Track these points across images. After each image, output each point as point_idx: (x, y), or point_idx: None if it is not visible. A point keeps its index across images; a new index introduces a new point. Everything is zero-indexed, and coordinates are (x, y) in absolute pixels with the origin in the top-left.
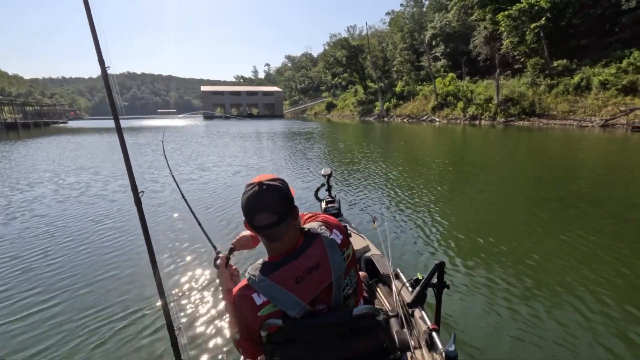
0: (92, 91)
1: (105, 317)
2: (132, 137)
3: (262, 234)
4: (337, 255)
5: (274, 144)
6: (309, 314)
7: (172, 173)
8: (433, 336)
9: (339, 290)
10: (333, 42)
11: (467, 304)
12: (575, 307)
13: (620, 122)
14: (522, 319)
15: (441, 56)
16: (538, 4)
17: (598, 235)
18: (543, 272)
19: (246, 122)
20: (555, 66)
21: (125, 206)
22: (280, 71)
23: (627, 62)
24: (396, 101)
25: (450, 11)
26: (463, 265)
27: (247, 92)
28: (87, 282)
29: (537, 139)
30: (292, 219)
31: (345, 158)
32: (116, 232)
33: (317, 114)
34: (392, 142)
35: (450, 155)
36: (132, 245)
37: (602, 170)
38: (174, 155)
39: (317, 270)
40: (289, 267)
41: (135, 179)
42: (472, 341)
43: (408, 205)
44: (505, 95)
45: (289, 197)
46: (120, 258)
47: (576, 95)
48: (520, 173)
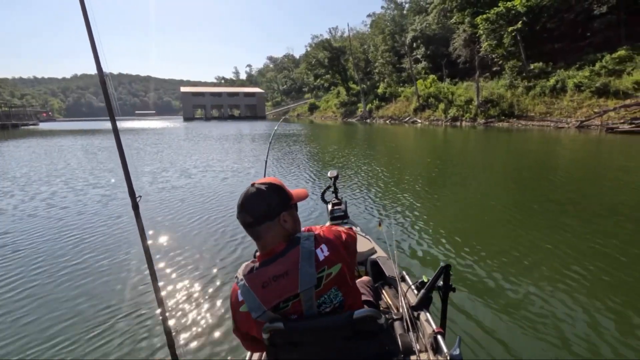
0: (65, 92)
1: (101, 320)
2: (110, 139)
3: (247, 232)
4: (310, 268)
5: (261, 146)
6: (286, 319)
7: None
8: (438, 339)
9: (309, 303)
10: (315, 43)
11: (473, 307)
12: (585, 308)
13: (595, 124)
14: (529, 323)
15: (422, 58)
16: (515, 8)
17: (608, 238)
18: (551, 274)
19: (228, 124)
20: (532, 69)
21: (114, 216)
22: (262, 72)
23: (600, 65)
24: (378, 103)
25: (430, 14)
26: (470, 268)
27: (229, 93)
28: (82, 286)
29: (526, 140)
30: (274, 223)
31: (340, 160)
32: (110, 238)
33: (300, 116)
34: (381, 144)
35: (444, 156)
36: (127, 252)
37: (605, 173)
38: (163, 159)
39: (282, 279)
40: (261, 271)
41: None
42: (478, 345)
43: (414, 207)
44: (485, 97)
45: (272, 201)
46: (116, 264)
47: (552, 97)
48: (519, 175)
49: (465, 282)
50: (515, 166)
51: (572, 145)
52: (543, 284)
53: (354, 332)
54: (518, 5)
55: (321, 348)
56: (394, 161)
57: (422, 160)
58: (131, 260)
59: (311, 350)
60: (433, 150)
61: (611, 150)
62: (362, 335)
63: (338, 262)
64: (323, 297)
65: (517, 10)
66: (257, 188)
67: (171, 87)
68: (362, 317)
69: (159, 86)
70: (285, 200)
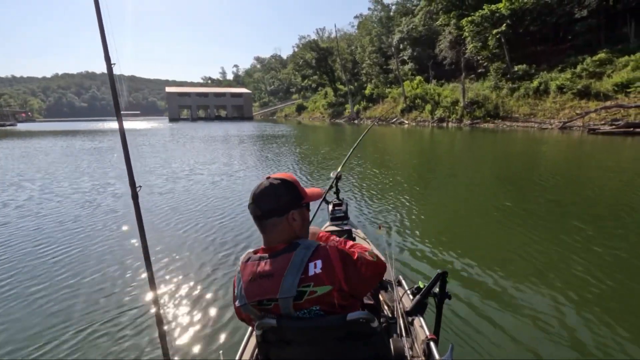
0: (46, 91)
1: (94, 312)
2: (92, 141)
3: (255, 223)
4: (293, 279)
5: (251, 148)
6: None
7: None
8: (431, 346)
9: (287, 310)
10: (302, 44)
11: (468, 315)
12: (581, 316)
13: (577, 125)
14: (523, 333)
15: (408, 60)
16: (499, 10)
17: (606, 244)
18: (548, 284)
19: (214, 125)
20: (515, 70)
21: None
22: (249, 72)
23: (581, 68)
24: (366, 104)
25: (416, 16)
26: (466, 275)
27: (215, 94)
28: (76, 280)
29: (513, 141)
30: (281, 220)
31: (332, 162)
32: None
33: (288, 116)
34: (371, 145)
35: (436, 158)
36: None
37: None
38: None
39: (267, 279)
40: (254, 264)
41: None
42: (471, 353)
43: (413, 211)
44: (471, 98)
45: (283, 197)
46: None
47: (536, 99)
48: (510, 177)
49: (462, 290)
50: (506, 168)
51: (557, 146)
52: (540, 295)
53: (347, 334)
54: (502, 8)
55: (313, 348)
56: (387, 162)
57: (416, 162)
58: (124, 263)
59: (303, 350)
60: (424, 152)
61: (594, 151)
62: (354, 337)
63: (328, 284)
64: (303, 310)
65: (501, 13)
66: (270, 182)
67: (157, 87)
68: (355, 319)
69: (143, 86)
70: (297, 199)
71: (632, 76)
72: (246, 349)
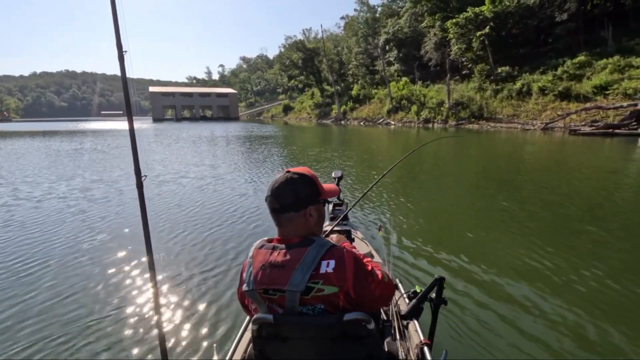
0: (23, 90)
1: (93, 309)
2: (71, 141)
3: (271, 215)
4: (304, 275)
5: (239, 149)
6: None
7: None
8: (424, 350)
9: (292, 304)
10: (289, 44)
11: (464, 322)
12: (579, 324)
13: (559, 126)
14: (520, 340)
15: (394, 61)
16: (482, 13)
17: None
18: (551, 294)
19: (200, 125)
20: (499, 72)
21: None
22: (235, 72)
23: (562, 70)
24: (352, 104)
25: (402, 17)
26: (465, 282)
27: (200, 94)
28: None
29: (501, 142)
30: (298, 215)
31: (325, 163)
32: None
33: (274, 117)
34: (362, 145)
35: (430, 160)
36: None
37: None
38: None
39: (277, 270)
40: (267, 252)
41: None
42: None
43: (413, 214)
44: (456, 99)
45: (301, 192)
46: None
47: (519, 100)
48: (503, 179)
49: (458, 295)
50: (497, 169)
51: (544, 147)
52: (537, 303)
53: (342, 334)
54: (485, 11)
55: (308, 346)
56: (379, 163)
57: (409, 163)
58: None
59: (298, 347)
60: (414, 153)
61: (580, 152)
62: (349, 338)
63: (336, 285)
64: (307, 306)
65: (485, 16)
66: (289, 176)
67: (140, 86)
68: (352, 320)
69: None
70: (315, 194)
71: (610, 79)
72: (240, 344)
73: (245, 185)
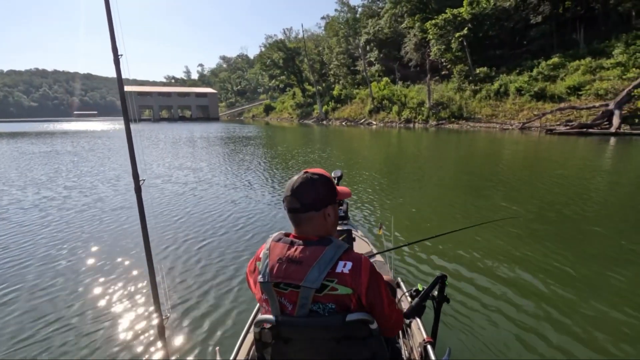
0: None
1: (93, 300)
2: (41, 144)
3: (288, 216)
4: (320, 273)
5: (223, 150)
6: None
7: None
8: (427, 349)
9: (305, 301)
10: (269, 43)
11: (467, 319)
12: (580, 322)
13: (535, 125)
14: (523, 337)
15: (375, 61)
16: (460, 15)
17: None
18: (553, 292)
19: (178, 126)
20: (477, 73)
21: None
22: (215, 72)
23: (537, 71)
24: (334, 104)
25: (382, 18)
26: (468, 279)
27: (179, 94)
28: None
29: (485, 142)
30: (318, 215)
31: (317, 165)
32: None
33: (255, 117)
34: (348, 146)
35: (419, 160)
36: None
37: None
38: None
39: (294, 265)
40: (285, 246)
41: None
42: (469, 358)
43: (414, 214)
44: (436, 100)
45: (322, 193)
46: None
47: (497, 100)
48: (506, 180)
49: (461, 294)
50: (488, 170)
51: (522, 146)
52: (539, 300)
53: (345, 335)
54: (463, 13)
55: (311, 347)
56: (371, 164)
57: (399, 163)
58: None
59: (300, 349)
60: (403, 153)
61: (564, 151)
62: (352, 338)
63: (350, 286)
64: (319, 304)
65: (463, 18)
66: (310, 176)
67: (115, 85)
68: (354, 320)
69: (101, 85)
70: (333, 195)
71: (583, 79)
72: (242, 346)
73: (235, 190)
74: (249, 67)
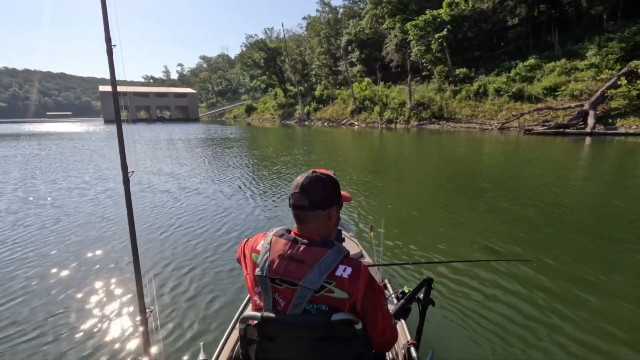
0: None
1: (75, 292)
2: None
3: (293, 212)
4: (320, 276)
5: (206, 153)
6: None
7: None
8: (411, 350)
9: (300, 300)
10: (250, 43)
11: (451, 322)
12: (568, 324)
13: (514, 126)
14: (507, 344)
15: (357, 62)
16: (440, 16)
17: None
18: (538, 295)
19: (157, 127)
20: (457, 74)
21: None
22: (195, 72)
23: (515, 72)
24: (316, 105)
25: (363, 19)
26: (453, 283)
27: (157, 94)
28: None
29: (469, 142)
30: (324, 214)
31: (307, 167)
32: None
33: (237, 117)
34: (332, 147)
35: (405, 161)
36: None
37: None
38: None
39: (296, 264)
40: (287, 243)
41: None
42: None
43: (404, 216)
44: (417, 100)
45: (329, 193)
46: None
47: (476, 101)
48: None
49: (446, 297)
50: (478, 173)
51: (504, 147)
52: (524, 305)
53: (329, 335)
54: (443, 14)
55: (294, 346)
56: (361, 165)
57: (399, 167)
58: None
59: (285, 347)
60: (386, 154)
61: (530, 150)
62: (336, 338)
63: (347, 292)
64: (313, 304)
65: (443, 19)
66: (319, 175)
67: (91, 85)
68: (339, 320)
69: (75, 84)
70: (338, 196)
71: (558, 80)
72: (227, 343)
73: (222, 192)
74: (230, 67)
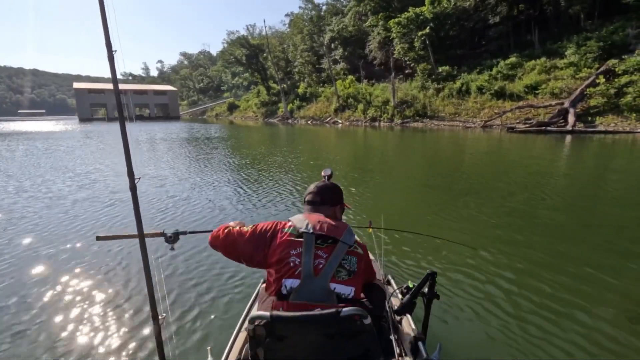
0: None
1: (88, 301)
2: None
3: (308, 207)
4: (351, 237)
5: (190, 154)
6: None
7: None
8: (418, 344)
9: (340, 252)
10: (232, 40)
11: (458, 316)
12: (573, 319)
13: (497, 124)
14: (514, 334)
15: (340, 59)
16: (423, 14)
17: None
18: (543, 287)
19: (135, 126)
20: (440, 72)
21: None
22: (176, 69)
23: (496, 70)
24: (299, 103)
25: (346, 16)
26: (458, 276)
27: (135, 91)
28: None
29: (454, 141)
30: (331, 208)
31: (308, 164)
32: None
33: (219, 116)
34: (320, 147)
35: (393, 159)
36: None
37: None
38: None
39: (333, 227)
40: (319, 216)
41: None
42: (459, 354)
43: (403, 211)
44: (401, 98)
45: (336, 196)
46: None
47: (459, 99)
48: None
49: (451, 290)
50: (475, 170)
51: (488, 145)
52: (529, 297)
53: (338, 331)
54: (426, 12)
55: (304, 344)
56: (346, 165)
57: (397, 161)
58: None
59: (293, 346)
60: (379, 151)
61: (533, 149)
62: (345, 334)
63: (362, 250)
64: (349, 257)
65: (425, 17)
66: (331, 183)
67: (66, 82)
68: (348, 315)
69: (49, 81)
70: (341, 199)
71: (539, 79)
72: (235, 344)
73: (225, 193)
74: (212, 64)
